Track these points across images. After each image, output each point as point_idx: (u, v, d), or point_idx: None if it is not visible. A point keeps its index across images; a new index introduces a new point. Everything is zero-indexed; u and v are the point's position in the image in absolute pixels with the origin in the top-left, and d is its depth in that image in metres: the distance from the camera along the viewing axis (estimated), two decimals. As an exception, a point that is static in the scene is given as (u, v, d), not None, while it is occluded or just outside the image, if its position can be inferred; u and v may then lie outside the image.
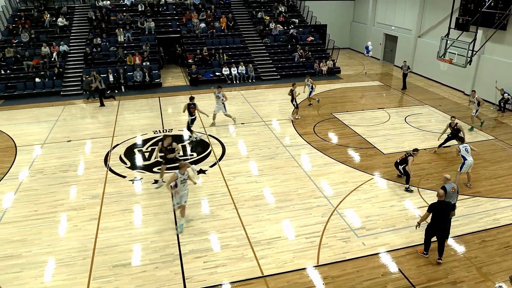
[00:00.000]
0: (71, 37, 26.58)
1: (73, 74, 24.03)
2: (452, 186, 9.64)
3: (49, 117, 19.20)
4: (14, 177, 13.50)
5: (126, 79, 23.57)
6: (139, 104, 20.89)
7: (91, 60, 24.47)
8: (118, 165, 14.08)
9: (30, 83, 23.04)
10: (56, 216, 11.23)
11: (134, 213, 11.28)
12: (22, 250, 9.87)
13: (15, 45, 25.38)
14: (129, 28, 27.23)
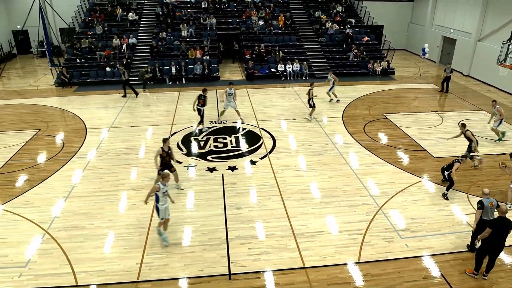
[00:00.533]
0: (140, 31, 27.65)
1: (139, 65, 25.00)
2: (490, 201, 8.89)
3: (116, 103, 20.14)
4: (83, 156, 14.35)
5: (187, 72, 24.19)
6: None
7: (156, 52, 25.33)
8: (176, 151, 14.52)
9: (101, 72, 24.29)
10: (117, 194, 11.82)
11: (187, 197, 11.62)
12: (86, 223, 10.49)
13: (90, 36, 26.81)
14: (192, 23, 27.87)
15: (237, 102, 18.06)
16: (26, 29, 30.95)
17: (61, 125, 17.61)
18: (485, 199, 8.93)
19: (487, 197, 8.99)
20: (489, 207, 8.87)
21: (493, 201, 8.94)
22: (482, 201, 8.84)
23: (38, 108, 19.80)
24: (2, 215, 11.00)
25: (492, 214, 8.91)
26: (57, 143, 15.60)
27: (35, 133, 16.53)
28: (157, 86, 23.15)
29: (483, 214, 8.78)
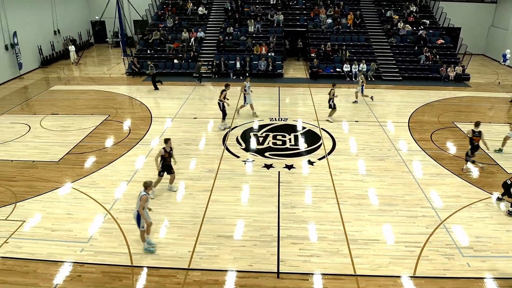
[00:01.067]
0: (208, 25, 28.40)
1: (206, 58, 25.70)
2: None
3: (181, 94, 20.89)
4: (147, 143, 15.06)
5: (251, 67, 24.47)
6: (260, 91, 21.54)
7: (223, 47, 25.88)
8: (234, 146, 14.79)
9: (169, 64, 25.29)
10: (176, 182, 12.25)
11: (242, 191, 11.79)
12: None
13: (161, 29, 27.99)
14: (259, 19, 28.12)
15: (300, 101, 17.99)
16: (103, 20, 33.00)
17: (129, 112, 18.60)
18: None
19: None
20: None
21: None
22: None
23: (109, 95, 21.03)
24: (71, 192, 11.88)
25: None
26: (124, 129, 16.50)
27: (105, 118, 17.61)
28: (221, 80, 23.63)
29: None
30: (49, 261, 9.08)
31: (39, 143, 15.33)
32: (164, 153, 11.34)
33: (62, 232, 10.07)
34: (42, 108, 19.33)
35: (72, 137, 15.76)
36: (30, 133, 16.32)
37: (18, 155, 14.34)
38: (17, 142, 15.48)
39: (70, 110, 18.93)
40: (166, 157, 11.40)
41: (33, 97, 21.32)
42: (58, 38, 30.74)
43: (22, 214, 10.78)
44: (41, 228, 10.23)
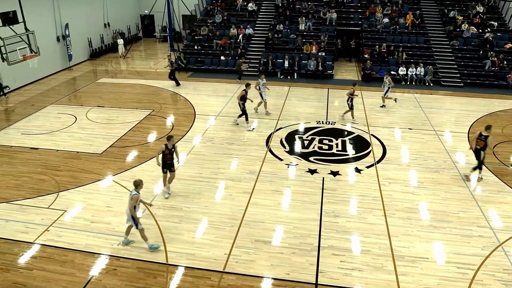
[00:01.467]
0: (257, 22, 28.60)
1: (253, 56, 25.90)
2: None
3: (226, 92, 21.18)
4: (189, 140, 15.39)
5: (299, 67, 24.39)
6: (308, 92, 21.43)
7: (271, 45, 25.97)
8: (278, 148, 14.80)
9: (216, 60, 25.73)
10: (216, 182, 12.46)
11: (283, 196, 11.77)
12: (183, 205, 11.26)
13: (209, 24, 28.52)
14: (311, 17, 27.96)
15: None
16: (153, 14, 34.11)
17: (173, 108, 19.09)
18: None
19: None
20: None
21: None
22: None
23: (154, 89, 21.69)
24: (112, 185, 12.36)
25: None
26: (167, 125, 16.96)
27: (149, 113, 18.19)
28: (268, 79, 23.65)
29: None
30: (87, 252, 9.50)
31: (84, 134, 16.08)
32: (165, 150, 11.43)
33: (101, 224, 10.50)
34: (89, 100, 20.27)
35: (116, 130, 16.40)
36: (76, 124, 17.15)
37: (64, 145, 15.12)
38: (63, 132, 16.33)
39: (116, 103, 19.72)
40: (166, 154, 11.44)
41: (80, 89, 22.40)
42: (108, 31, 32.13)
43: (64, 204, 11.35)
44: (81, 219, 10.73)
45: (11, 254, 9.50)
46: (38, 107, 19.48)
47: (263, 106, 18.13)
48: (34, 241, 9.90)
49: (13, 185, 12.52)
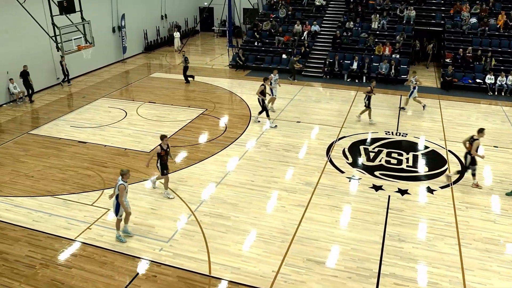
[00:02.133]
0: (325, 18, 28.46)
1: (318, 55, 25.79)
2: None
3: (286, 94, 21.21)
4: (242, 144, 15.58)
5: (369, 69, 23.95)
6: (378, 99, 20.94)
7: (339, 44, 25.72)
8: (339, 158, 14.59)
9: (277, 58, 25.88)
10: (268, 191, 12.49)
11: (342, 213, 11.56)
12: (232, 214, 11.39)
13: (272, 19, 28.76)
14: (386, 15, 27.39)
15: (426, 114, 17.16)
16: (212, 6, 34.97)
17: (227, 108, 19.43)
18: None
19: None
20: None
21: None
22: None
23: (209, 87, 22.20)
24: (158, 186, 12.75)
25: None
26: (220, 126, 17.27)
27: (202, 112, 18.64)
28: (333, 82, 23.54)
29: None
30: (127, 255, 9.86)
31: (133, 130, 16.76)
32: (161, 151, 11.77)
33: (143, 227, 10.87)
34: (140, 95, 21.12)
35: (166, 128, 16.94)
36: (126, 119, 17.93)
37: (112, 140, 15.84)
38: (112, 127, 17.12)
39: (167, 100, 20.39)
40: (162, 155, 11.81)
41: (133, 83, 23.41)
42: (164, 23, 33.37)
43: (108, 202, 11.84)
44: (124, 219, 11.15)
45: (52, 249, 10.07)
46: (89, 99, 20.58)
47: (271, 102, 18.82)
48: (75, 238, 10.43)
49: (59, 178, 13.29)
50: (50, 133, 16.69)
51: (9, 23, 19.66)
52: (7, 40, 19.71)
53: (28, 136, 16.47)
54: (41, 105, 20.02)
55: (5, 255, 9.92)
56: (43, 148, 15.45)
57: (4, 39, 19.51)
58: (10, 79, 19.80)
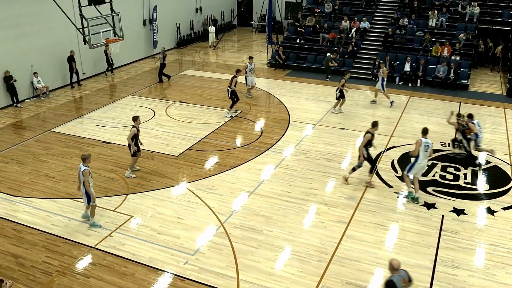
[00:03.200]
0: (376, 14, 28.18)
1: (367, 55, 25.53)
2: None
3: (329, 97, 21.08)
4: (279, 151, 15.57)
5: (425, 72, 23.49)
6: (433, 105, 20.58)
7: (391, 43, 25.39)
8: (387, 171, 14.36)
9: (320, 57, 25.77)
10: (306, 204, 12.42)
11: (388, 232, 11.36)
12: (264, 227, 11.38)
13: (317, 14, 28.70)
14: (445, 11, 26.85)
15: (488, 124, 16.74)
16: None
17: (264, 111, 19.48)
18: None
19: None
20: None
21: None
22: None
23: (245, 87, 22.32)
24: (185, 194, 12.92)
25: None
26: (256, 130, 17.33)
27: (236, 114, 18.76)
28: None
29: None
30: (150, 266, 10.00)
31: (161, 132, 17.04)
32: (137, 132, 13.35)
33: (168, 237, 11.00)
34: (170, 94, 21.47)
35: (197, 130, 17.14)
36: (154, 119, 18.25)
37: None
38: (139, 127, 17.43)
39: (199, 100, 20.64)
40: (138, 135, 13.46)
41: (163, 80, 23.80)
42: (199, 16, 33.87)
43: (131, 208, 12.09)
44: (148, 228, 11.33)
45: (70, 256, 10.33)
46: (115, 97, 21.09)
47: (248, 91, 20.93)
48: (95, 246, 10.67)
49: (80, 180, 13.65)
50: (73, 131, 17.19)
51: (35, 14, 20.41)
52: (33, 32, 20.45)
53: (50, 134, 17.02)
54: (65, 101, 20.66)
55: (21, 259, 10.26)
56: (66, 147, 15.91)
57: (29, 30, 20.28)
58: (34, 73, 20.54)
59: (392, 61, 24.15)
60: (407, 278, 7.89)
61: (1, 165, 14.69)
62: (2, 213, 12.06)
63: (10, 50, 19.57)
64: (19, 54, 19.95)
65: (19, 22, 19.75)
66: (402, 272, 7.84)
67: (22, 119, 18.63)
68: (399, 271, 7.78)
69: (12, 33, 19.51)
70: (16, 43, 19.72)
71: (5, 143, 16.25)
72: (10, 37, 19.44)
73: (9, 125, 18.02)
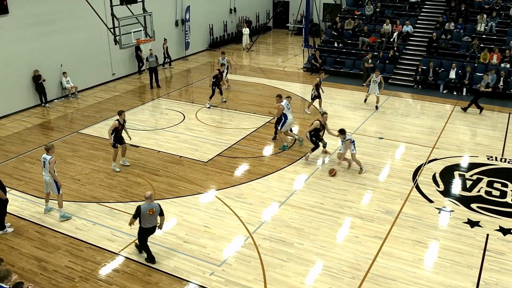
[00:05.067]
0: (420, 17, 27.85)
1: (409, 61, 25.23)
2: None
3: (367, 104, 20.91)
4: (313, 160, 15.54)
5: (471, 80, 23.04)
6: (480, 116, 20.15)
7: (435, 48, 25.02)
8: (428, 185, 14.11)
9: (359, 62, 25.59)
10: (340, 217, 12.31)
11: (427, 250, 11.15)
12: (295, 240, 11.32)
13: (357, 17, 28.54)
14: (495, 15, 26.29)
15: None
16: (288, 0, 35.38)
17: (299, 117, 19.44)
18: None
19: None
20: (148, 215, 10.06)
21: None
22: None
23: (279, 92, 22.31)
24: (213, 201, 12.98)
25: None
26: (289, 138, 17.28)
27: (269, 120, 18.79)
28: (426, 93, 22.88)
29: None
30: (174, 276, 10.07)
31: (190, 136, 17.21)
32: (118, 125, 14.25)
33: (194, 246, 11.06)
34: (201, 97, 21.66)
35: (228, 136, 17.24)
36: (184, 123, 18.46)
37: (166, 146, 16.36)
38: (168, 131, 17.69)
39: (231, 104, 20.77)
40: (119, 129, 14.34)
41: (193, 83, 24.09)
42: (233, 17, 34.17)
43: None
44: (174, 236, 11.43)
45: (93, 262, 10.51)
46: (144, 99, 21.42)
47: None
48: (119, 252, 10.83)
49: (106, 184, 13.90)
50: (100, 133, 17.53)
51: (66, 11, 20.96)
52: (63, 29, 21.02)
53: (78, 136, 17.41)
54: (94, 102, 21.11)
55: (44, 263, 10.49)
56: (92, 149, 16.24)
57: (59, 28, 20.85)
58: (63, 73, 21.08)
59: (436, 67, 23.80)
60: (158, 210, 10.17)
61: (28, 166, 15.11)
62: (26, 215, 12.39)
63: (39, 49, 20.16)
64: (49, 53, 20.53)
65: (49, 19, 20.34)
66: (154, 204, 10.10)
67: (50, 120, 19.13)
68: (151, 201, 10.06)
69: (42, 31, 20.10)
70: (45, 41, 20.31)
71: (32, 144, 16.71)
72: (39, 35, 20.05)
73: (37, 125, 18.54)
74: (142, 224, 10.14)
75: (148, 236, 10.46)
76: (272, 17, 38.04)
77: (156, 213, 10.14)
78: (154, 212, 10.06)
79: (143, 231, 10.27)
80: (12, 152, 16.16)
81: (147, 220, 10.10)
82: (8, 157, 15.77)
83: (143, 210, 9.97)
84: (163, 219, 10.41)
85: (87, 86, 22.59)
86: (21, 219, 12.21)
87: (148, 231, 10.28)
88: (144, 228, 10.18)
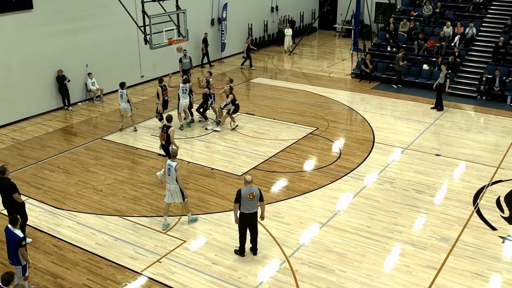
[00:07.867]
0: (485, 19, 27.34)
1: (472, 68, 24.80)
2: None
3: (423, 117, 20.62)
4: (359, 177, 15.36)
5: (545, 92, 22.49)
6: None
7: (503, 54, 24.53)
8: (491, 210, 13.80)
9: (415, 69, 25.33)
10: (388, 243, 12.13)
11: (489, 285, 10.88)
12: (336, 267, 11.21)
13: (413, 18, 28.25)
14: None
15: None
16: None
17: (345, 129, 19.34)
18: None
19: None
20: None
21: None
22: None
23: (323, 101, 22.34)
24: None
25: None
26: (333, 151, 17.22)
27: (311, 131, 18.75)
28: (491, 105, 22.41)
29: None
30: (201, 302, 10.09)
31: (223, 147, 17.32)
32: (162, 91, 17.73)
33: (223, 268, 11.08)
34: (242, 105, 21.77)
35: (265, 148, 17.27)
36: (217, 132, 18.56)
37: (197, 157, 16.51)
38: (199, 140, 17.87)
39: (269, 113, 20.81)
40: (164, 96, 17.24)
41: (229, 88, 24.23)
42: (274, 17, 34.36)
43: (184, 232, 12.30)
44: (202, 256, 11.47)
45: (113, 281, 10.64)
46: (174, 104, 21.65)
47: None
48: (141, 272, 10.94)
49: (130, 196, 14.09)
50: (126, 140, 17.83)
51: (92, 7, 21.50)
52: (89, 27, 21.59)
53: (102, 142, 17.75)
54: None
55: (60, 280, 10.69)
56: (117, 158, 16.53)
57: (85, 26, 21.41)
58: (88, 74, 21.58)
59: (503, 76, 23.30)
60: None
61: (47, 174, 15.48)
62: (44, 226, 12.69)
63: (65, 47, 20.74)
64: (74, 52, 21.08)
65: (75, 16, 20.90)
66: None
67: (73, 124, 19.60)
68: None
69: (67, 28, 20.66)
70: (71, 39, 20.87)
71: (53, 150, 17.14)
72: (65, 32, 20.62)
73: (58, 130, 19.01)
74: (241, 209, 11.00)
75: (247, 224, 11.24)
76: (318, 17, 38.05)
77: (256, 198, 11.00)
78: (254, 196, 10.94)
79: (242, 216, 11.08)
80: (31, 158, 16.61)
81: (248, 204, 10.95)
82: (27, 163, 16.21)
83: (243, 194, 10.87)
84: (263, 204, 11.39)
85: (114, 89, 22.99)
86: (38, 230, 12.51)
87: (248, 217, 11.08)
88: (243, 213, 11.02)
